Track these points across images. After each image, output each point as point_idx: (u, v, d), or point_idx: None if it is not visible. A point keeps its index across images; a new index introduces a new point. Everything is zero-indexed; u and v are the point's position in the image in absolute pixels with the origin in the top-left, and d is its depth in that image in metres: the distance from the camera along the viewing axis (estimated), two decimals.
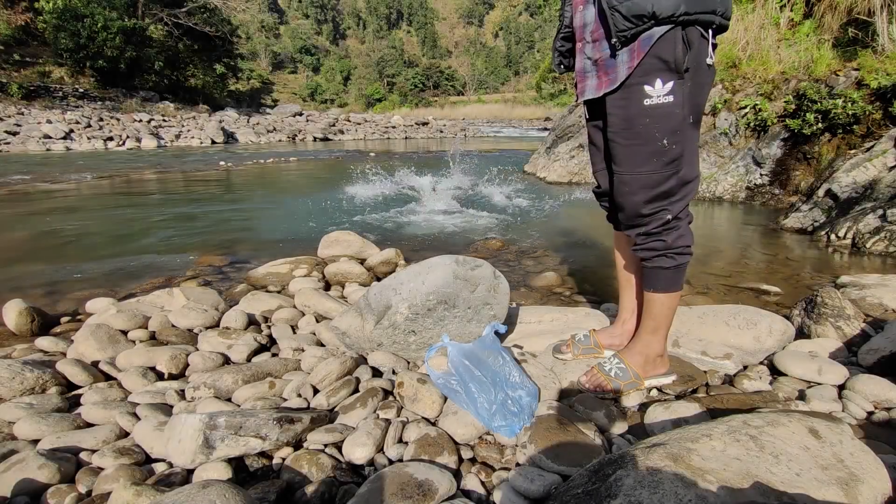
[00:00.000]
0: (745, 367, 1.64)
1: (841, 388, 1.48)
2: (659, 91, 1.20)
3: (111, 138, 14.79)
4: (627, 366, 1.47)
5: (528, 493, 1.08)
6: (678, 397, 1.47)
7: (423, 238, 4.08)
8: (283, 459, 1.22)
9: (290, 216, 5.21)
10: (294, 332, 2.10)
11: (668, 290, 1.39)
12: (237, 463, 1.21)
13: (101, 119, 17.03)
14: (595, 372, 1.50)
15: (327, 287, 2.76)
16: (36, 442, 1.32)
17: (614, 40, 1.21)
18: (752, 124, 5.46)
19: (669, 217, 1.30)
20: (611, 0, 1.18)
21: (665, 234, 1.32)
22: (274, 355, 1.88)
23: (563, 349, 1.67)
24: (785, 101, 5.19)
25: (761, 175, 5.28)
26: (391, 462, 1.22)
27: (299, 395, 1.51)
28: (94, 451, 1.28)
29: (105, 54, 19.98)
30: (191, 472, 1.17)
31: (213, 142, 16.65)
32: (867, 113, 4.48)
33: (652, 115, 1.22)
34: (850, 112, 4.51)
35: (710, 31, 1.22)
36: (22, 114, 16.04)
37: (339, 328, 1.78)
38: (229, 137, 17.80)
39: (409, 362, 1.70)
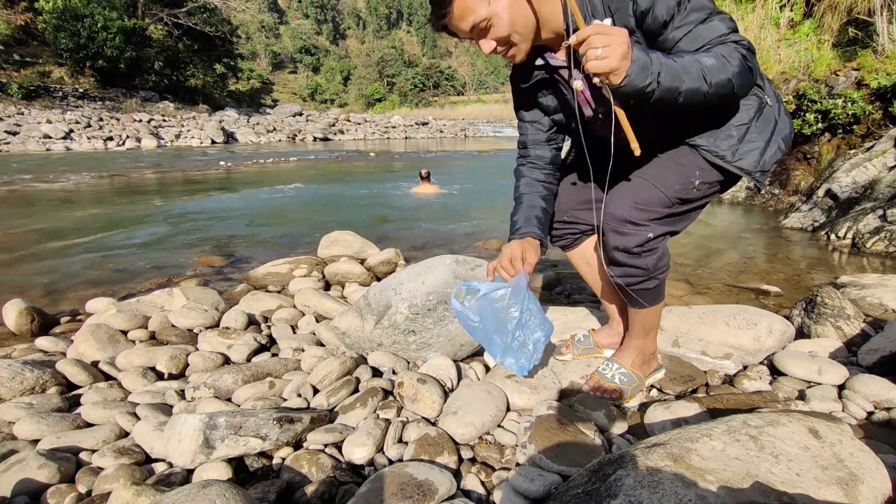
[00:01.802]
0: (745, 367, 1.64)
1: (841, 388, 1.48)
2: None
3: (111, 138, 14.80)
4: (628, 370, 1.47)
5: (528, 493, 1.08)
6: (678, 397, 1.47)
7: (423, 238, 4.08)
8: (283, 459, 1.22)
9: (289, 216, 5.21)
10: (294, 332, 2.10)
11: (653, 304, 1.39)
12: (237, 463, 1.21)
13: (101, 119, 17.05)
14: (596, 378, 1.48)
15: (327, 287, 2.76)
16: (36, 442, 1.32)
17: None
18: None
19: (651, 235, 1.25)
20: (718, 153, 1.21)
21: (644, 257, 1.27)
22: (274, 355, 1.88)
23: (563, 350, 1.67)
24: (785, 101, 5.19)
25: None
26: (391, 462, 1.22)
27: (299, 395, 1.51)
28: (93, 451, 1.28)
29: (105, 54, 19.98)
30: (191, 472, 1.17)
31: (213, 142, 16.66)
32: (867, 113, 4.48)
33: (694, 154, 1.24)
34: (850, 112, 4.51)
35: None
36: (22, 114, 16.06)
37: (339, 328, 1.78)
38: (229, 137, 17.80)
39: (409, 362, 1.70)
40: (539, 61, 1.25)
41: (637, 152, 1.03)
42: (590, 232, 1.56)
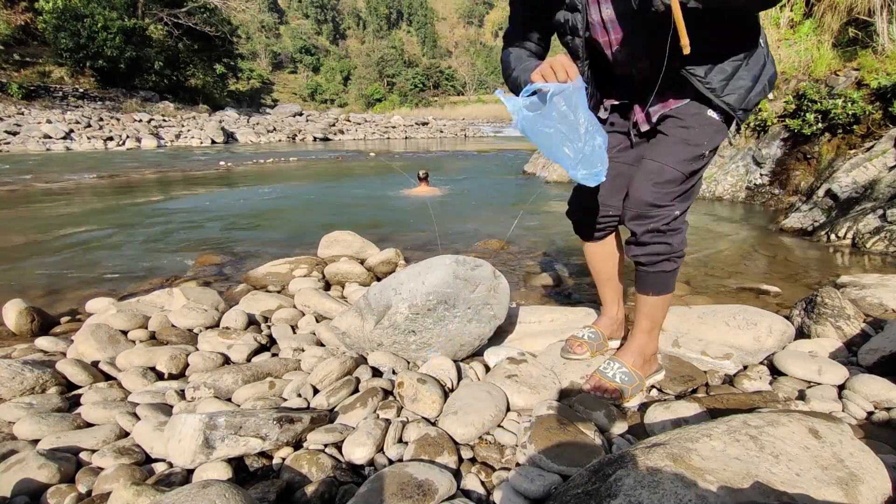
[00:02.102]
0: (745, 367, 1.63)
1: (841, 388, 1.48)
2: None
3: (111, 138, 14.80)
4: (630, 369, 1.47)
5: (528, 493, 1.08)
6: (678, 397, 1.47)
7: (423, 238, 4.08)
8: (283, 459, 1.22)
9: (289, 216, 5.21)
10: (294, 332, 2.10)
11: (665, 293, 1.43)
12: (237, 463, 1.21)
13: (101, 119, 17.05)
14: (597, 378, 1.48)
15: (327, 287, 2.76)
16: (36, 442, 1.32)
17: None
18: (752, 124, 5.46)
19: (677, 213, 1.34)
20: (728, 102, 1.27)
21: (670, 235, 1.34)
22: (274, 355, 1.88)
23: (577, 349, 1.65)
24: (785, 101, 5.19)
25: (761, 175, 5.28)
26: (391, 462, 1.22)
27: (299, 395, 1.51)
28: (94, 451, 1.28)
29: (105, 54, 19.98)
30: (191, 472, 1.17)
31: (213, 142, 16.66)
32: (867, 113, 4.48)
33: (707, 125, 1.30)
34: (850, 112, 4.50)
35: None
36: (22, 114, 16.06)
37: (339, 328, 1.78)
38: (229, 137, 17.81)
39: (409, 362, 1.70)
40: None
41: (686, 50, 1.04)
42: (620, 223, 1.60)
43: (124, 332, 2.01)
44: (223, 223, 4.77)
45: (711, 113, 1.31)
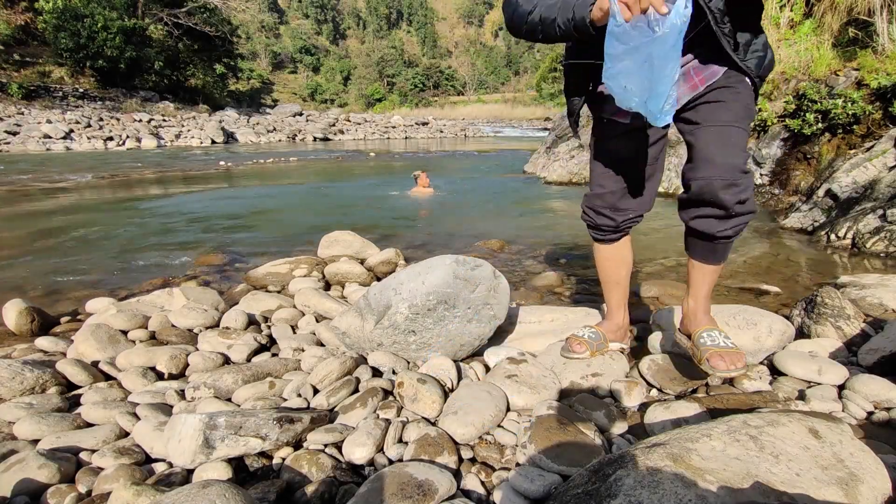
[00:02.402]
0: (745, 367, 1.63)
1: (841, 388, 1.48)
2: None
3: (111, 138, 14.80)
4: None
5: (528, 493, 1.08)
6: (678, 397, 1.47)
7: (423, 238, 4.08)
8: (283, 459, 1.22)
9: (289, 216, 5.21)
10: (294, 332, 2.11)
11: (726, 258, 1.44)
12: (237, 463, 1.21)
13: (101, 119, 17.05)
14: (723, 351, 1.40)
15: (327, 287, 2.76)
16: (36, 442, 1.32)
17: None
18: (751, 124, 5.45)
19: (754, 178, 1.35)
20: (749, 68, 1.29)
21: (750, 203, 1.32)
22: (274, 355, 1.88)
23: (577, 348, 1.63)
24: (785, 101, 5.19)
25: (761, 175, 5.27)
26: (391, 462, 1.22)
27: (299, 395, 1.51)
28: (93, 451, 1.28)
29: (105, 54, 19.98)
30: (191, 472, 1.17)
31: (213, 142, 16.66)
32: (867, 113, 4.48)
33: (749, 92, 1.33)
34: (850, 112, 4.50)
35: None
36: (22, 114, 16.06)
37: (339, 328, 1.78)
38: (229, 137, 17.80)
39: (409, 362, 1.70)
40: None
41: None
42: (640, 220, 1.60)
43: (124, 332, 2.01)
44: (223, 223, 4.77)
45: (748, 80, 1.32)
